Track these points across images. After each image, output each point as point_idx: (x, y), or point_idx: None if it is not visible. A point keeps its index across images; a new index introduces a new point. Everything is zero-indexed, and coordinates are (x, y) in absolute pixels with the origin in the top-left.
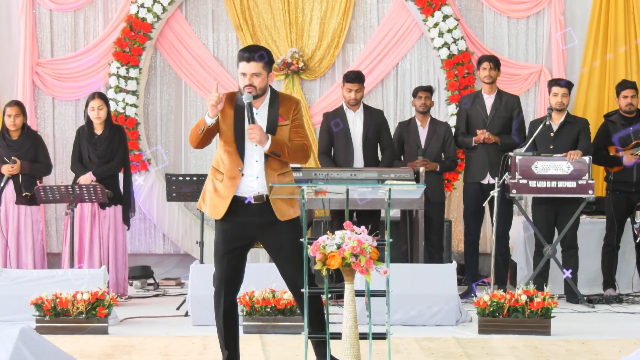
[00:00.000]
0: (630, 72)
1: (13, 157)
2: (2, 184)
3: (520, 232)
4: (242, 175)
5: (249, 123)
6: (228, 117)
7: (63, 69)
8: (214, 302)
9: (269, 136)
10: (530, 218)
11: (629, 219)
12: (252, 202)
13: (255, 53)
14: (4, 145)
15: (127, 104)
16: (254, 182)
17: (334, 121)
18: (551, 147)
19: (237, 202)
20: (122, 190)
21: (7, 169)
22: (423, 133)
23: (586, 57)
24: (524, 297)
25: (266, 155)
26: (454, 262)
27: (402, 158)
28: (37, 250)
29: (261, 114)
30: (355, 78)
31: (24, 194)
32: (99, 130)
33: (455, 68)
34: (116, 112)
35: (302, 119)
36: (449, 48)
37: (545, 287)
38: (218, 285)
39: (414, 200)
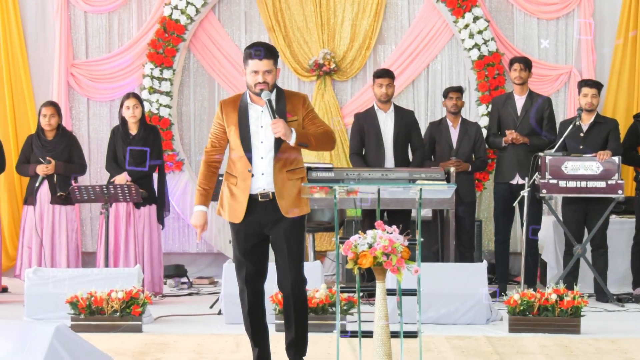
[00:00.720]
0: None
1: (48, 157)
2: (37, 184)
3: (550, 231)
4: (252, 175)
5: (272, 119)
6: (233, 122)
7: (98, 70)
8: (240, 302)
9: (293, 129)
10: (560, 218)
11: None
12: (259, 199)
13: (266, 50)
14: (39, 145)
15: (160, 104)
16: (260, 179)
17: None
18: (581, 147)
19: (249, 202)
20: (156, 190)
21: (42, 169)
22: (454, 133)
23: (616, 56)
24: (554, 296)
25: (275, 151)
26: (485, 262)
27: (433, 158)
28: (72, 250)
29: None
30: (384, 72)
31: (58, 194)
32: (133, 130)
33: (485, 69)
34: (150, 113)
35: (314, 111)
36: (479, 49)
37: (575, 286)
38: (241, 285)
39: (445, 200)
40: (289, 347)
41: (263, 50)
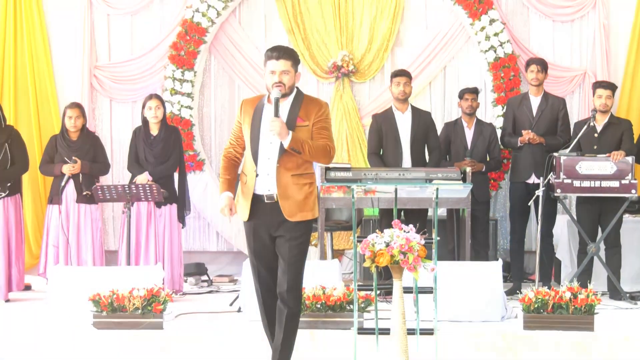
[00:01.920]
0: None
1: (74, 157)
2: (62, 183)
3: (564, 230)
4: (257, 175)
5: (275, 117)
6: (248, 121)
7: (120, 72)
8: (257, 300)
9: (290, 132)
10: (575, 217)
11: None
12: (265, 200)
13: (283, 52)
14: (64, 145)
15: (182, 105)
16: (266, 180)
17: None
18: (595, 147)
19: (255, 202)
20: (177, 189)
21: (69, 169)
22: (469, 134)
23: (630, 58)
24: (568, 294)
25: (281, 153)
26: (500, 260)
27: (448, 158)
28: (97, 248)
29: (281, 112)
30: (401, 71)
31: (84, 193)
32: (154, 131)
33: (501, 70)
34: (171, 114)
35: (328, 122)
36: (495, 51)
37: (588, 284)
38: (255, 285)
39: (460, 199)
40: (274, 352)
41: (280, 52)
